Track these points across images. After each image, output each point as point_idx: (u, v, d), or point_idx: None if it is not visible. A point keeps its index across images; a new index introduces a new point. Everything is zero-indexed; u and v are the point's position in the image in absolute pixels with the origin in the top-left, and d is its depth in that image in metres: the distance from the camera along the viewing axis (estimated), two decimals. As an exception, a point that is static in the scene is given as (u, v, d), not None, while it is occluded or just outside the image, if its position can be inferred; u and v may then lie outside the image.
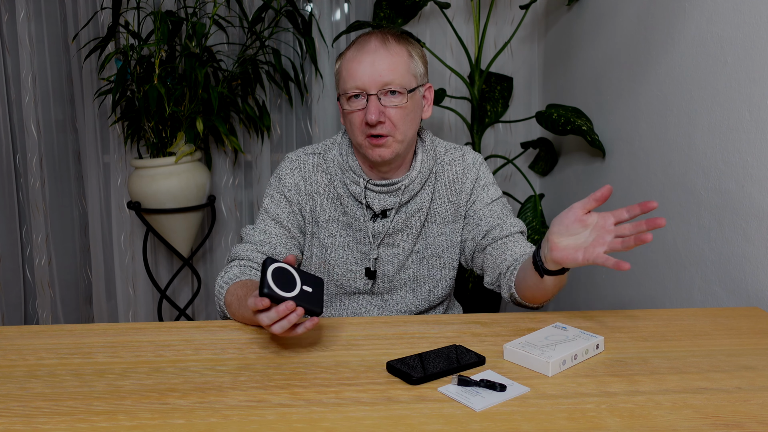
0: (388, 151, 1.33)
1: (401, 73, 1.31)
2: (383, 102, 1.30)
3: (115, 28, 2.41)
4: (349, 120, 1.34)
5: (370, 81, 1.29)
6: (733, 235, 1.55)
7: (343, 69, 1.34)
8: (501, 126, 2.89)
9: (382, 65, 1.30)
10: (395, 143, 1.33)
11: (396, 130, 1.32)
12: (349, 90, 1.31)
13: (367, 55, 1.30)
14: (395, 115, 1.31)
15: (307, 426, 0.88)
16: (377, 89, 1.29)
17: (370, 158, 1.35)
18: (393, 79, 1.30)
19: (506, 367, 1.07)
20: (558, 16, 2.64)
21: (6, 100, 2.71)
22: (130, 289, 2.89)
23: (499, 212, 1.44)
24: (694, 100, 1.70)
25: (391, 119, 1.31)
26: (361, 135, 1.33)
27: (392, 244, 1.45)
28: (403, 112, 1.32)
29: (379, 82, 1.29)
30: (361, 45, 1.33)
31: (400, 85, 1.30)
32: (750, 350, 1.14)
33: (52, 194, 2.82)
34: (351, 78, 1.31)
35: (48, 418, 0.90)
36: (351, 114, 1.33)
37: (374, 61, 1.30)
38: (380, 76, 1.29)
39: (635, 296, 2.04)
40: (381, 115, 1.29)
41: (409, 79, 1.33)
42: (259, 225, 1.43)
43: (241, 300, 1.24)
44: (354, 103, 1.32)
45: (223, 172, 2.86)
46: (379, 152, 1.33)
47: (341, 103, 1.36)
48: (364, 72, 1.29)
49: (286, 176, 1.44)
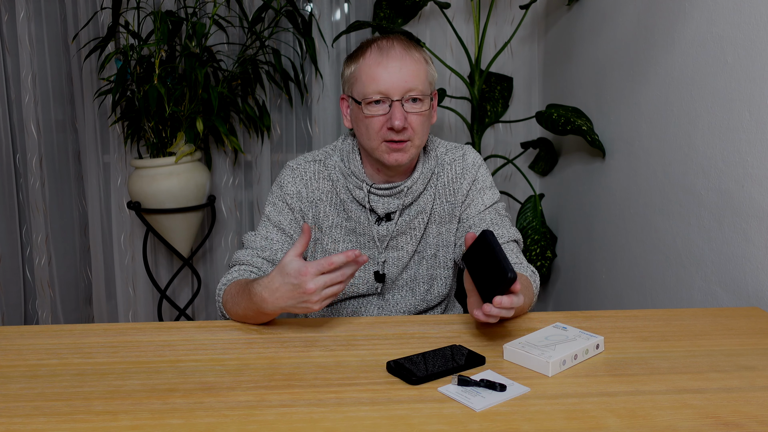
0: (406, 156, 1.34)
1: (422, 80, 1.32)
2: (406, 108, 1.30)
3: (115, 28, 2.41)
4: (365, 124, 1.33)
5: (394, 86, 1.29)
6: (733, 235, 1.55)
7: (362, 73, 1.31)
8: (501, 126, 2.89)
9: (408, 71, 1.29)
10: (413, 148, 1.34)
11: (415, 135, 1.32)
12: (371, 94, 1.30)
13: (393, 60, 1.29)
14: (415, 121, 1.31)
15: (307, 426, 0.88)
16: (401, 95, 1.29)
17: (386, 162, 1.34)
18: (416, 86, 1.30)
19: (506, 367, 1.07)
20: (558, 16, 2.64)
21: (6, 100, 2.71)
22: (130, 289, 2.89)
23: (489, 222, 1.44)
24: (694, 100, 1.70)
25: (412, 125, 1.31)
26: (377, 139, 1.32)
27: (397, 247, 1.45)
28: (422, 119, 1.33)
29: (404, 88, 1.29)
30: (385, 50, 1.31)
31: (421, 91, 1.31)
32: (750, 350, 1.14)
33: (52, 194, 2.82)
34: (373, 82, 1.29)
35: (48, 418, 0.90)
36: (370, 118, 1.31)
37: (401, 67, 1.29)
38: (405, 82, 1.29)
39: (635, 296, 2.04)
40: (405, 121, 1.30)
41: (427, 85, 1.33)
42: (260, 231, 1.43)
43: (236, 296, 1.24)
44: (374, 108, 1.31)
45: (223, 172, 2.86)
46: (396, 157, 1.33)
47: (356, 107, 1.34)
48: (390, 77, 1.29)
49: (287, 184, 1.44)
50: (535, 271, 1.40)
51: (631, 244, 2.05)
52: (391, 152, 1.33)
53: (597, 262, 2.32)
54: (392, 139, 1.31)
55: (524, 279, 1.32)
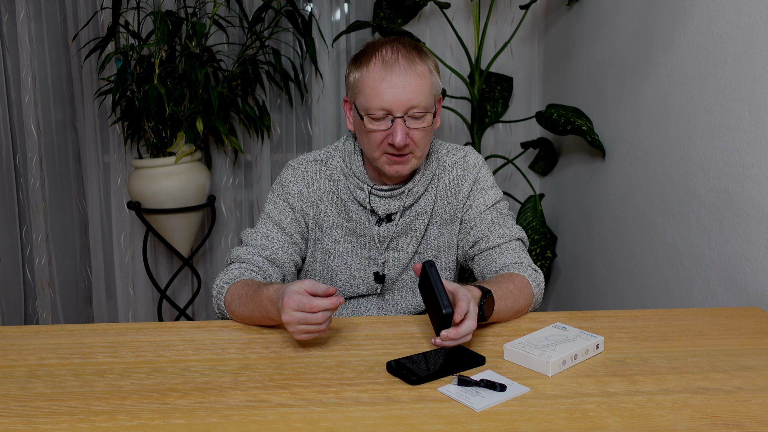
0: (407, 168, 1.34)
1: (425, 95, 1.30)
2: (408, 124, 1.29)
3: (115, 28, 2.41)
4: (367, 136, 1.32)
5: (397, 104, 1.28)
6: (733, 235, 1.55)
7: (365, 86, 1.30)
8: (501, 126, 2.89)
9: (411, 89, 1.28)
10: (414, 159, 1.34)
11: (417, 148, 1.32)
12: (374, 110, 1.29)
13: (397, 77, 1.27)
14: (418, 135, 1.31)
15: (307, 426, 0.88)
16: (404, 112, 1.28)
17: (387, 173, 1.35)
18: (419, 103, 1.29)
19: (506, 367, 1.07)
20: (558, 16, 2.64)
21: (6, 100, 2.71)
22: (130, 289, 2.89)
23: (489, 221, 1.43)
24: (694, 100, 1.70)
25: (414, 140, 1.31)
26: (379, 151, 1.32)
27: (397, 248, 1.45)
28: (424, 133, 1.32)
29: (406, 105, 1.28)
30: (389, 64, 1.28)
31: (425, 108, 1.30)
32: (750, 350, 1.14)
33: (52, 194, 2.82)
34: (377, 98, 1.28)
35: (48, 418, 0.90)
36: (372, 133, 1.31)
37: (405, 84, 1.27)
38: (408, 100, 1.28)
39: (635, 296, 2.04)
40: (406, 137, 1.29)
41: (431, 100, 1.32)
42: (260, 229, 1.43)
43: (243, 298, 1.23)
44: (377, 123, 1.30)
45: (223, 172, 2.86)
46: (397, 168, 1.33)
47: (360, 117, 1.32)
48: (394, 95, 1.27)
49: (289, 183, 1.44)
50: (538, 270, 1.39)
51: (631, 244, 2.05)
52: (392, 164, 1.33)
53: (597, 262, 2.32)
54: (393, 153, 1.31)
55: (520, 280, 1.32)
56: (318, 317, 1.07)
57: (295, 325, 1.08)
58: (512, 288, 1.27)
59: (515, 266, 1.37)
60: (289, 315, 1.07)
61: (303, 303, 1.07)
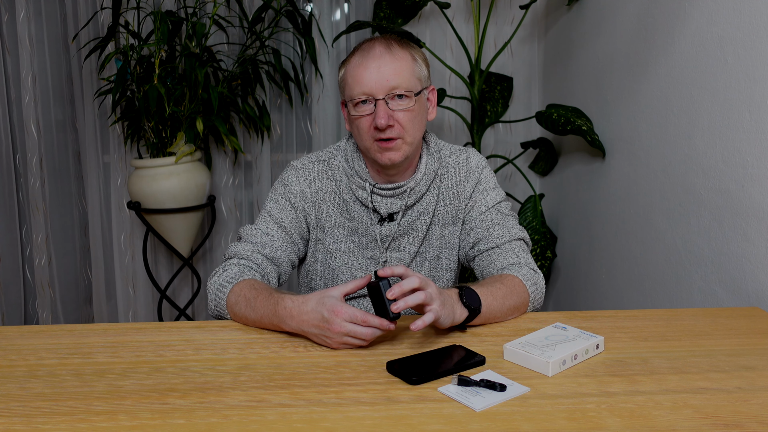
0: (399, 154, 1.34)
1: (407, 77, 1.32)
2: (391, 106, 1.31)
3: (115, 28, 2.41)
4: (356, 125, 1.35)
5: (377, 86, 1.30)
6: (733, 235, 1.55)
7: (348, 76, 1.34)
8: (501, 126, 2.89)
9: (388, 70, 1.30)
10: (405, 145, 1.34)
11: (405, 133, 1.33)
12: (356, 96, 1.32)
13: (372, 61, 1.31)
14: (403, 118, 1.32)
15: (307, 426, 0.88)
16: (384, 94, 1.30)
17: (380, 162, 1.35)
18: (399, 83, 1.31)
19: (506, 367, 1.07)
20: (558, 16, 2.64)
21: (6, 100, 2.71)
22: (130, 289, 2.89)
23: (489, 222, 1.43)
24: (694, 100, 1.70)
25: (400, 122, 1.32)
26: (369, 139, 1.34)
27: (399, 248, 1.45)
28: (410, 115, 1.33)
29: (386, 87, 1.30)
30: (366, 51, 1.33)
31: (406, 88, 1.31)
32: (750, 350, 1.14)
33: (52, 194, 2.82)
34: (357, 84, 1.31)
35: (48, 418, 0.90)
36: (359, 119, 1.33)
37: (380, 66, 1.30)
38: (387, 81, 1.30)
39: (635, 296, 2.04)
40: (390, 118, 1.30)
41: (414, 82, 1.34)
42: (260, 226, 1.43)
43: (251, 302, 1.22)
44: (361, 109, 1.32)
45: (223, 172, 2.86)
46: (389, 156, 1.34)
47: (347, 110, 1.37)
48: (371, 77, 1.30)
49: (292, 183, 1.44)
50: (537, 270, 1.38)
51: (631, 244, 2.05)
52: (383, 151, 1.34)
53: (597, 262, 2.32)
54: (381, 138, 1.32)
55: (510, 279, 1.31)
56: (367, 333, 1.11)
57: (341, 335, 1.11)
58: (500, 286, 1.27)
59: (512, 267, 1.36)
60: (340, 326, 1.10)
61: (356, 316, 1.10)
